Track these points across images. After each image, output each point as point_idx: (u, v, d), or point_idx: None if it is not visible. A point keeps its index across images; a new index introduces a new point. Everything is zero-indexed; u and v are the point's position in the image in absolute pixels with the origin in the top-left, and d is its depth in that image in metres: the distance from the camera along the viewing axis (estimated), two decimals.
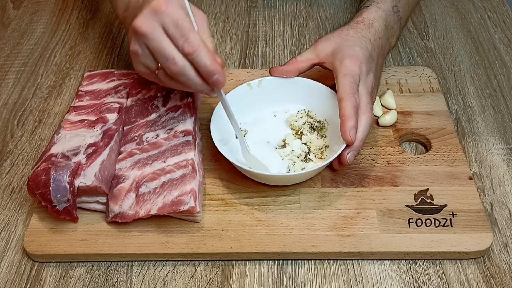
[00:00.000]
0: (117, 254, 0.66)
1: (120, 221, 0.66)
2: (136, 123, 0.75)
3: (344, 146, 0.68)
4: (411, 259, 0.66)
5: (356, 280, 0.64)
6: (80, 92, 0.80)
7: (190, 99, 0.77)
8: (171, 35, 0.62)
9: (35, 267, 0.67)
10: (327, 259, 0.66)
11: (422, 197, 0.70)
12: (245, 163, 0.72)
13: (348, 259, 0.66)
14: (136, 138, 0.73)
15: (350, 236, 0.66)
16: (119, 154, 0.72)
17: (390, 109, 0.81)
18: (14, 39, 1.02)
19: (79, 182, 0.66)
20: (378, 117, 0.80)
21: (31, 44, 1.00)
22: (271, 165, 0.72)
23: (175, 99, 0.77)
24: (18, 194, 0.75)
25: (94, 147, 0.70)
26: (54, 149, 0.70)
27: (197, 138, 0.74)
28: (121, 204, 0.67)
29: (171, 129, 0.73)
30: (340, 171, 0.73)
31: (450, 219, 0.67)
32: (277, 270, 0.66)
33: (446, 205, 0.69)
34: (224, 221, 0.68)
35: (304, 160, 0.72)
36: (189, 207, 0.65)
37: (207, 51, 0.62)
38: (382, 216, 0.68)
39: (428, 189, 0.70)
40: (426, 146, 0.78)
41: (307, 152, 0.73)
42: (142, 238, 0.67)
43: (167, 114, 0.75)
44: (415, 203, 0.69)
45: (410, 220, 0.67)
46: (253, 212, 0.69)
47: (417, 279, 0.64)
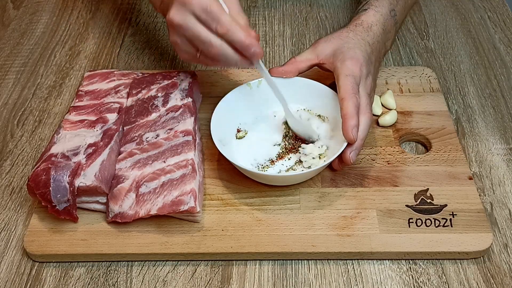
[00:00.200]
0: (117, 254, 0.66)
1: (120, 221, 0.66)
2: (136, 123, 0.75)
3: (345, 146, 0.68)
4: (411, 259, 0.66)
5: (356, 280, 0.64)
6: (80, 92, 0.80)
7: (190, 99, 0.77)
8: (204, 21, 0.66)
9: (35, 267, 0.67)
10: (327, 259, 0.66)
11: (422, 197, 0.70)
12: (248, 166, 0.72)
13: (348, 259, 0.66)
14: (136, 138, 0.73)
15: (350, 236, 0.66)
16: (119, 154, 0.72)
17: (390, 109, 0.81)
18: (14, 39, 1.01)
19: (79, 182, 0.66)
20: (378, 116, 0.80)
21: (31, 44, 1.00)
22: (271, 165, 0.72)
23: (175, 99, 0.77)
24: (18, 194, 0.75)
25: (94, 147, 0.70)
26: (54, 149, 0.70)
27: (197, 138, 0.74)
28: (121, 204, 0.67)
29: (171, 129, 0.73)
30: (340, 171, 0.73)
31: (450, 219, 0.67)
32: (277, 270, 0.66)
33: (446, 205, 0.69)
34: (224, 221, 0.68)
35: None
36: (189, 207, 0.65)
37: (240, 28, 0.66)
38: (382, 216, 0.68)
39: (428, 189, 0.70)
40: (426, 146, 0.78)
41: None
42: (142, 238, 0.67)
43: (167, 114, 0.75)
44: (415, 203, 0.69)
45: (410, 220, 0.67)
46: (253, 212, 0.69)
47: (417, 279, 0.64)
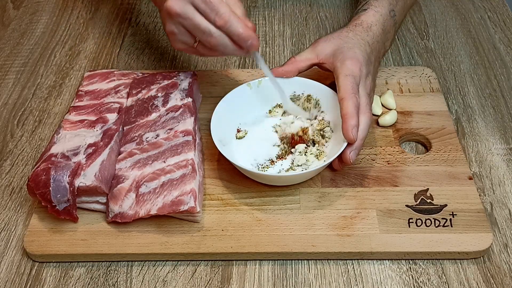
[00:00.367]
0: (117, 254, 0.66)
1: (120, 221, 0.66)
2: (136, 123, 0.75)
3: (345, 146, 0.68)
4: (411, 259, 0.66)
5: (356, 280, 0.64)
6: (80, 92, 0.80)
7: (190, 99, 0.77)
8: (202, 11, 0.66)
9: (35, 267, 0.67)
10: (327, 259, 0.66)
11: (422, 197, 0.70)
12: (249, 166, 0.72)
13: (348, 259, 0.66)
14: (136, 138, 0.73)
15: (350, 236, 0.66)
16: (119, 154, 0.72)
17: (390, 109, 0.81)
18: (14, 39, 1.01)
19: (79, 182, 0.66)
20: (378, 116, 0.80)
21: (31, 44, 1.00)
22: (271, 165, 0.72)
23: (175, 99, 0.77)
24: (18, 194, 0.75)
25: (94, 147, 0.70)
26: (54, 149, 0.70)
27: (197, 138, 0.74)
28: (121, 204, 0.67)
29: (171, 129, 0.73)
30: (340, 171, 0.73)
31: (450, 219, 0.67)
32: (277, 270, 0.66)
33: (446, 205, 0.69)
34: (224, 221, 0.68)
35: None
36: (189, 207, 0.65)
37: (238, 20, 0.66)
38: (382, 216, 0.68)
39: (428, 189, 0.70)
40: (426, 146, 0.78)
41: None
42: (142, 238, 0.67)
43: (167, 114, 0.75)
44: (415, 203, 0.69)
45: (410, 220, 0.67)
46: (253, 212, 0.69)
47: (417, 279, 0.64)
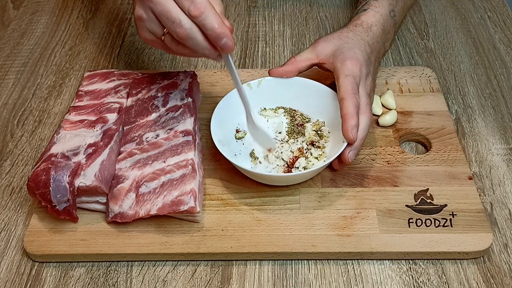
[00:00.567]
0: (117, 254, 0.66)
1: (120, 221, 0.66)
2: (136, 123, 0.75)
3: (345, 146, 0.68)
4: (411, 259, 0.66)
5: (356, 280, 0.64)
6: (80, 92, 0.80)
7: (190, 99, 0.77)
8: None
9: (35, 267, 0.67)
10: (327, 259, 0.66)
11: (422, 197, 0.70)
12: (248, 167, 0.72)
13: (348, 259, 0.66)
14: (136, 138, 0.73)
15: (350, 236, 0.66)
16: (119, 154, 0.72)
17: (390, 109, 0.81)
18: (14, 39, 1.02)
19: (79, 182, 0.66)
20: (378, 116, 0.80)
21: (31, 44, 1.00)
22: (271, 165, 0.72)
23: (175, 99, 0.77)
24: (18, 194, 0.75)
25: (94, 147, 0.70)
26: (54, 149, 0.70)
27: (197, 138, 0.74)
28: (121, 204, 0.67)
29: (171, 129, 0.73)
30: (340, 171, 0.73)
31: (450, 219, 0.67)
32: (277, 270, 0.66)
33: (446, 205, 0.69)
34: (224, 221, 0.68)
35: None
36: (189, 207, 0.65)
37: (215, 14, 0.60)
38: (382, 216, 0.68)
39: (428, 189, 0.70)
40: (426, 146, 0.78)
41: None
42: (142, 238, 0.67)
43: (167, 114, 0.75)
44: (415, 203, 0.69)
45: (410, 220, 0.67)
46: (253, 212, 0.69)
47: (417, 279, 0.64)
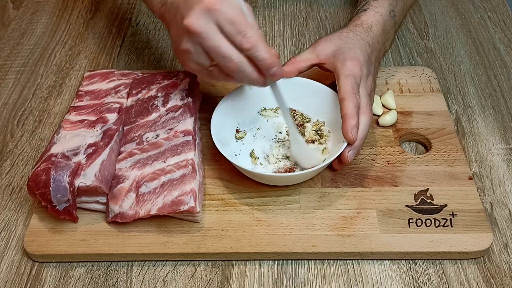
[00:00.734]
0: (117, 254, 0.66)
1: (120, 221, 0.66)
2: (136, 123, 0.75)
3: (345, 146, 0.68)
4: (411, 259, 0.66)
5: (356, 280, 0.64)
6: (80, 92, 0.80)
7: (190, 99, 0.77)
8: (227, 32, 0.61)
9: (35, 267, 0.67)
10: (327, 259, 0.66)
11: (422, 197, 0.70)
12: (248, 167, 0.72)
13: (348, 259, 0.66)
14: (136, 138, 0.73)
15: (350, 236, 0.66)
16: (119, 154, 0.72)
17: (390, 109, 0.81)
18: (14, 39, 1.02)
19: (79, 182, 0.66)
20: (378, 116, 0.80)
21: (31, 44, 1.00)
22: (271, 165, 0.72)
23: (175, 99, 0.77)
24: (18, 194, 0.75)
25: (94, 147, 0.70)
26: (54, 149, 0.70)
27: (197, 138, 0.74)
28: (121, 204, 0.67)
29: (171, 129, 0.73)
30: (340, 171, 0.73)
31: (450, 219, 0.67)
32: (277, 270, 0.66)
33: (446, 205, 0.69)
34: (224, 221, 0.68)
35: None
36: (189, 207, 0.65)
37: (265, 44, 0.62)
38: (382, 216, 0.68)
39: (428, 189, 0.70)
40: (426, 146, 0.78)
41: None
42: (142, 238, 0.67)
43: (167, 114, 0.75)
44: (415, 203, 0.69)
45: (410, 220, 0.67)
46: (253, 212, 0.69)
47: (417, 279, 0.64)
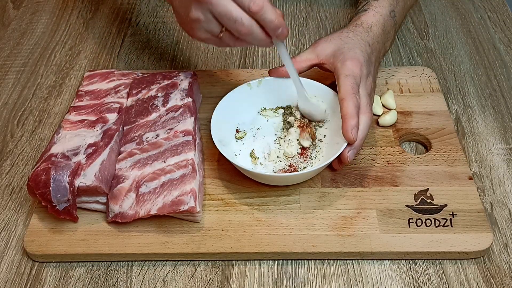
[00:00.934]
0: (117, 254, 0.66)
1: (120, 221, 0.66)
2: (136, 123, 0.75)
3: (345, 146, 0.68)
4: (411, 259, 0.66)
5: (356, 280, 0.64)
6: (80, 92, 0.80)
7: (190, 99, 0.77)
8: None
9: (35, 267, 0.67)
10: (327, 259, 0.66)
11: (422, 197, 0.70)
12: (249, 167, 0.72)
13: (348, 259, 0.66)
14: (136, 138, 0.73)
15: (350, 236, 0.66)
16: (119, 154, 0.72)
17: (390, 109, 0.81)
18: (14, 39, 1.02)
19: (79, 182, 0.66)
20: (379, 116, 0.80)
21: (31, 44, 1.00)
22: (271, 165, 0.72)
23: (175, 99, 0.77)
24: (18, 194, 0.75)
25: (94, 147, 0.70)
26: (54, 149, 0.70)
27: (197, 138, 0.74)
28: (121, 204, 0.67)
29: (171, 129, 0.73)
30: (340, 171, 0.73)
31: (450, 219, 0.67)
32: (277, 270, 0.66)
33: (446, 205, 0.69)
34: (224, 221, 0.68)
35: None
36: (189, 207, 0.65)
37: (272, 6, 0.64)
38: (382, 216, 0.68)
39: (428, 189, 0.70)
40: (426, 146, 0.78)
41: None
42: (142, 238, 0.67)
43: (167, 114, 0.75)
44: (415, 203, 0.69)
45: (410, 220, 0.67)
46: (253, 212, 0.69)
47: (417, 279, 0.64)
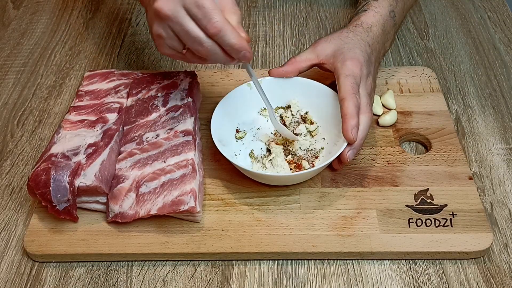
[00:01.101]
0: (117, 254, 0.66)
1: (120, 221, 0.66)
2: (136, 123, 0.75)
3: (345, 146, 0.68)
4: (411, 259, 0.66)
5: (356, 280, 0.64)
6: (80, 92, 0.80)
7: (190, 99, 0.77)
8: (194, 16, 0.61)
9: (35, 267, 0.67)
10: (327, 259, 0.66)
11: (422, 197, 0.70)
12: (247, 167, 0.72)
13: (348, 259, 0.66)
14: (136, 138, 0.73)
15: (350, 236, 0.66)
16: (119, 154, 0.72)
17: (390, 109, 0.81)
18: (14, 39, 1.02)
19: (79, 182, 0.66)
20: (379, 116, 0.80)
21: (31, 44, 1.00)
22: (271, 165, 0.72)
23: (175, 99, 0.77)
24: (18, 194, 0.75)
25: (94, 147, 0.70)
26: (54, 149, 0.70)
27: (197, 138, 0.74)
28: (121, 204, 0.67)
29: (171, 129, 0.73)
30: (340, 171, 0.73)
31: (450, 219, 0.67)
32: (277, 270, 0.66)
33: (446, 205, 0.69)
34: (224, 221, 0.68)
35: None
36: (189, 207, 0.65)
37: (231, 29, 0.61)
38: (382, 216, 0.68)
39: (428, 189, 0.70)
40: (426, 146, 0.78)
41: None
42: (142, 238, 0.67)
43: (167, 114, 0.75)
44: (415, 203, 0.69)
45: (410, 220, 0.67)
46: (253, 212, 0.69)
47: (417, 279, 0.64)
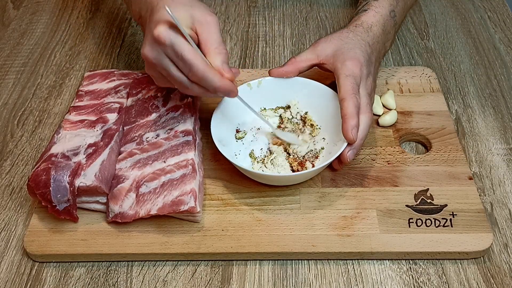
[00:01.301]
0: (117, 254, 0.66)
1: (120, 221, 0.66)
2: (136, 123, 0.75)
3: (345, 146, 0.68)
4: (411, 259, 0.66)
5: (356, 280, 0.64)
6: (80, 92, 0.80)
7: (190, 99, 0.77)
8: (176, 63, 0.64)
9: (35, 267, 0.67)
10: (327, 259, 0.66)
11: (422, 197, 0.70)
12: (248, 167, 0.72)
13: (348, 259, 0.66)
14: (136, 138, 0.73)
15: (350, 236, 0.66)
16: (119, 154, 0.72)
17: (390, 109, 0.81)
18: (14, 39, 1.02)
19: (79, 182, 0.66)
20: (379, 116, 0.80)
21: (31, 44, 1.00)
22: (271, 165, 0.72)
23: (175, 99, 0.77)
24: (18, 194, 0.75)
25: (94, 147, 0.70)
26: (54, 149, 0.70)
27: (197, 138, 0.74)
28: (121, 204, 0.67)
29: (171, 129, 0.73)
30: (340, 171, 0.73)
31: (450, 219, 0.67)
32: (277, 270, 0.66)
33: (446, 205, 0.69)
34: (224, 221, 0.68)
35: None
36: (189, 207, 0.65)
37: (213, 74, 0.63)
38: (382, 216, 0.68)
39: (428, 189, 0.70)
40: (426, 146, 0.78)
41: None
42: (142, 238, 0.67)
43: (167, 114, 0.75)
44: (415, 203, 0.69)
45: (410, 220, 0.67)
46: (253, 212, 0.69)
47: (417, 279, 0.64)
